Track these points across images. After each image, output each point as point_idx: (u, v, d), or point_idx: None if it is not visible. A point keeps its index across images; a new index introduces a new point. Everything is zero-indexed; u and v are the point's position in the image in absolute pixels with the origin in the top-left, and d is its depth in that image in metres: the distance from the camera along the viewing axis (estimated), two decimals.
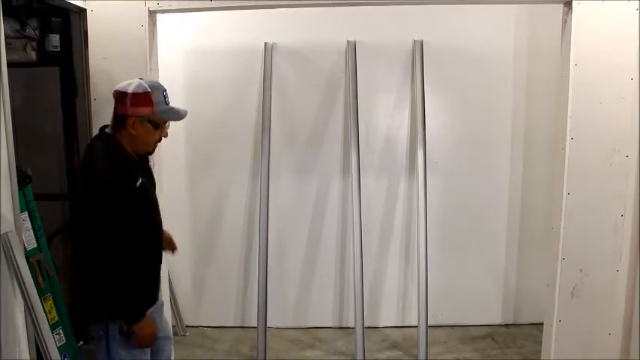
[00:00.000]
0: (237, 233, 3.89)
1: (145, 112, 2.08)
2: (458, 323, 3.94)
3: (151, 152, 2.26)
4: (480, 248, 3.89)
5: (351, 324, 3.80)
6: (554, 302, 2.96)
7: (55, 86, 3.47)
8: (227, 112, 3.78)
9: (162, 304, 2.50)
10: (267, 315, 3.51)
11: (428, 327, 3.49)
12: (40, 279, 2.83)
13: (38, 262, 2.84)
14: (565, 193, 2.83)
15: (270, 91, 3.67)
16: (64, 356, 2.91)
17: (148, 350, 2.30)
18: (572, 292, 2.92)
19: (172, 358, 2.65)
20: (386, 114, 3.81)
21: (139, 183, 2.11)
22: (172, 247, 2.56)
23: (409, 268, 3.89)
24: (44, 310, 2.73)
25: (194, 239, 3.88)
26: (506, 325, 3.94)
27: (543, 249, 3.71)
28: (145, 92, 2.08)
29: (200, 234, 3.90)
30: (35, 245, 2.86)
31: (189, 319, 3.94)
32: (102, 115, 3.14)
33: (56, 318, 2.93)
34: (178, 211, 3.80)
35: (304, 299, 3.97)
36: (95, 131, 3.38)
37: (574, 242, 2.88)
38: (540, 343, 3.16)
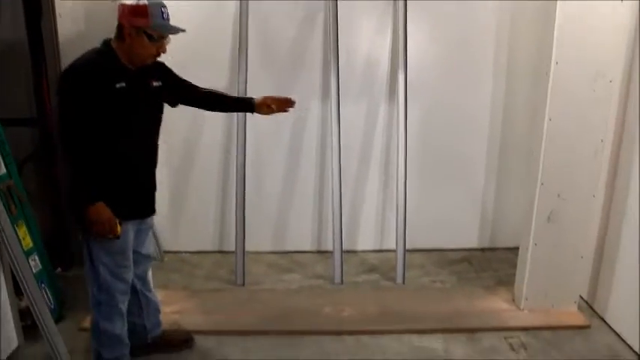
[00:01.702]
0: (215, 157, 3.83)
1: (140, 22, 2.16)
2: (435, 247, 3.99)
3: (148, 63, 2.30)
4: (458, 174, 3.90)
5: (329, 248, 3.82)
6: (530, 227, 3.00)
7: (18, 6, 3.27)
8: (201, 34, 3.61)
9: (151, 225, 2.61)
10: (245, 240, 3.52)
11: (406, 251, 3.55)
12: (12, 206, 2.76)
13: (8, 188, 2.77)
14: (547, 119, 2.80)
15: (247, 12, 3.50)
16: (41, 282, 2.88)
17: (130, 257, 2.42)
18: (548, 217, 2.96)
19: (150, 277, 2.73)
20: (367, 38, 3.68)
21: (118, 86, 2.18)
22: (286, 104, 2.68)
23: (388, 192, 3.89)
24: (17, 237, 2.69)
25: (170, 165, 3.80)
26: (482, 250, 4.01)
27: (521, 175, 3.75)
28: (142, 4, 2.16)
29: (176, 159, 3.82)
30: (4, 171, 2.78)
31: (167, 244, 3.93)
32: (68, 35, 3.01)
33: (30, 244, 2.88)
34: None
35: (283, 224, 3.97)
36: (63, 51, 3.29)
37: (553, 168, 2.88)
38: (515, 266, 3.22)
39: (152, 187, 2.49)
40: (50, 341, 2.58)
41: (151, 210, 2.51)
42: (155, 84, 2.38)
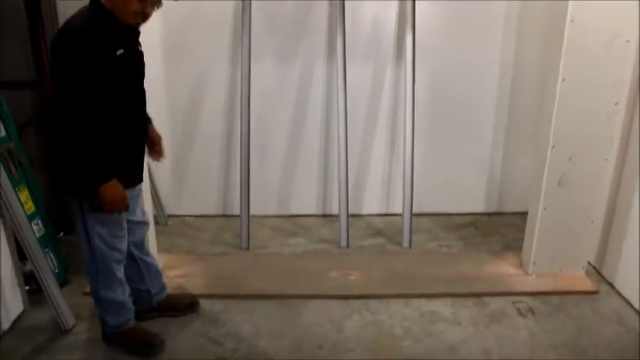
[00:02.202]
0: (218, 120, 3.75)
1: None
2: (441, 212, 3.95)
3: (131, 23, 2.16)
4: (466, 137, 3.82)
5: (335, 212, 3.79)
6: (540, 190, 2.95)
7: None
8: None
9: (140, 191, 2.53)
10: (250, 203, 3.48)
11: (412, 215, 3.51)
12: (13, 169, 2.71)
13: (9, 151, 2.71)
14: (560, 79, 2.72)
15: None
16: (45, 247, 2.86)
17: (125, 227, 2.38)
18: (559, 181, 2.90)
19: (148, 242, 2.68)
20: None
21: (118, 53, 2.10)
22: (158, 152, 2.55)
23: (394, 156, 3.83)
24: (19, 201, 2.65)
25: (173, 127, 3.73)
26: (489, 214, 3.97)
27: (531, 139, 3.68)
28: None
29: (179, 121, 3.75)
30: (4, 134, 2.72)
31: (170, 208, 3.90)
32: None
33: (33, 208, 2.85)
34: (156, 98, 3.60)
35: (287, 187, 3.92)
36: (60, 10, 3.19)
37: (565, 130, 2.81)
38: (522, 231, 3.19)
39: (143, 154, 2.45)
40: (55, 306, 2.57)
41: (141, 177, 2.47)
42: (140, 49, 2.31)
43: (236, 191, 3.65)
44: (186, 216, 3.93)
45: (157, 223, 3.63)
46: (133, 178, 2.37)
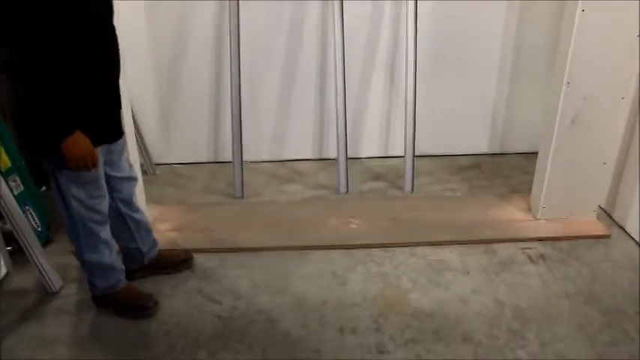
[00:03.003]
0: (206, 60, 3.49)
1: None
2: (443, 153, 3.78)
3: None
4: (469, 76, 3.59)
5: (332, 155, 3.61)
6: (552, 131, 2.77)
7: None
8: None
9: (124, 145, 2.30)
10: (242, 148, 3.28)
11: (414, 157, 3.34)
12: None
13: None
14: (579, 11, 2.49)
15: None
16: (25, 204, 2.66)
17: (103, 185, 2.16)
18: (572, 120, 2.72)
19: (136, 198, 2.48)
20: None
21: None
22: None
23: (394, 95, 3.61)
24: None
25: (158, 69, 3.48)
26: (492, 155, 3.80)
27: (536, 77, 3.49)
28: None
29: (164, 63, 3.48)
30: None
31: (158, 157, 3.69)
32: None
33: (9, 164, 2.63)
34: (138, 39, 3.34)
35: (282, 130, 3.71)
36: None
37: (582, 66, 2.60)
38: (527, 172, 3.06)
39: (119, 103, 2.18)
40: (39, 268, 2.41)
41: (120, 130, 2.22)
42: None
43: (227, 136, 3.45)
44: (175, 164, 3.73)
45: (144, 172, 3.45)
46: (108, 131, 2.13)
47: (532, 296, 2.45)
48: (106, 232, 2.24)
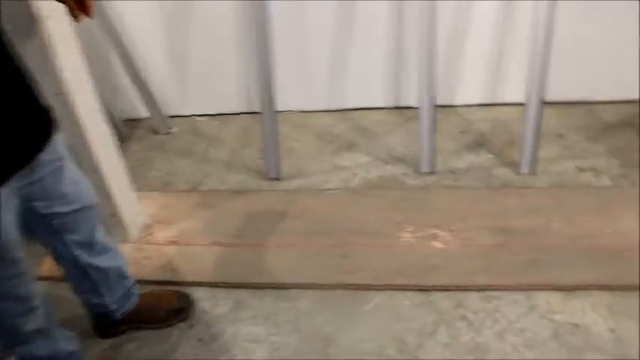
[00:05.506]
0: None
1: None
2: (576, 99, 2.55)
3: None
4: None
5: (412, 103, 2.53)
6: None
7: None
8: None
9: (58, 162, 1.32)
10: (277, 99, 2.26)
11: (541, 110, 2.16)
12: None
13: None
14: None
15: None
16: None
17: (20, 258, 1.24)
18: None
19: (99, 235, 1.54)
20: None
21: None
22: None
23: (509, 19, 2.38)
24: None
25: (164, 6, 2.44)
26: None
27: None
28: None
29: None
30: None
31: (173, 107, 2.72)
32: None
33: None
34: None
35: (340, 68, 2.59)
36: None
37: None
38: None
39: (27, 94, 1.17)
40: None
41: (41, 143, 1.22)
42: None
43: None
44: (195, 116, 2.75)
45: (155, 132, 2.55)
46: (15, 152, 1.15)
47: None
48: (35, 321, 1.35)
